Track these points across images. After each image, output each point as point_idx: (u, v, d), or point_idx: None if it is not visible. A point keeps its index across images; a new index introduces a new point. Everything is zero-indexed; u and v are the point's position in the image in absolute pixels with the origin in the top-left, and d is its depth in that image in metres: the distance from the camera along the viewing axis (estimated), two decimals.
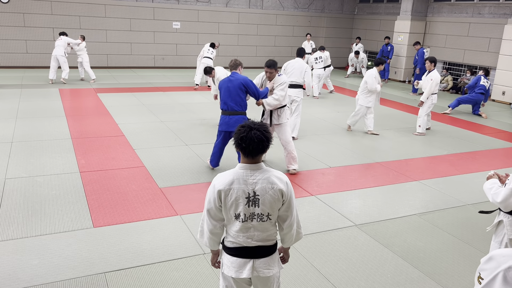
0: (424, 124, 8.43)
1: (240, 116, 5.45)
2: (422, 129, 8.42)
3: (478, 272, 1.65)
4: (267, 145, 2.29)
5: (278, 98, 5.59)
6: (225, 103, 5.45)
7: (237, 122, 5.36)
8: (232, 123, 5.42)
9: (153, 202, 4.89)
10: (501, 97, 12.40)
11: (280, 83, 5.63)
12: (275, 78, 5.70)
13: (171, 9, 15.66)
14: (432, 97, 8.34)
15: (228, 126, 5.47)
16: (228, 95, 5.41)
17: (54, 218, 4.39)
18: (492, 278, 1.55)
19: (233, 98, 5.38)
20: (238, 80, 5.38)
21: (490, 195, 3.03)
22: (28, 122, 7.92)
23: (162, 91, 11.56)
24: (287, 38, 17.63)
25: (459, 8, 14.32)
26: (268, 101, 5.60)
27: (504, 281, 1.51)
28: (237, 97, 5.38)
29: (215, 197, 2.30)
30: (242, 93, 5.40)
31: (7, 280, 3.38)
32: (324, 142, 7.58)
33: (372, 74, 8.00)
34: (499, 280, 1.52)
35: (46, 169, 5.71)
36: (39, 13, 14.05)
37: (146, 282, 3.45)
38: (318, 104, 10.89)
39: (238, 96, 5.38)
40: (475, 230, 4.56)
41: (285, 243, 2.50)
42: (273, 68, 5.62)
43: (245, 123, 2.31)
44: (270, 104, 5.61)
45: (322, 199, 5.17)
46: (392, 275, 3.68)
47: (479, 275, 1.63)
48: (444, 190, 5.66)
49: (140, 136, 7.36)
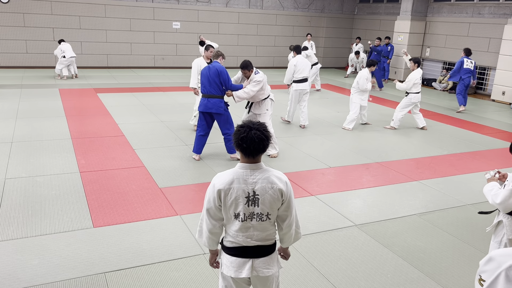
0: (397, 119, 8.73)
1: (217, 99, 6.02)
2: (394, 123, 8.77)
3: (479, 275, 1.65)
4: (267, 144, 2.30)
5: (247, 92, 6.10)
6: (204, 87, 6.05)
7: (214, 104, 5.98)
8: (210, 105, 6.00)
9: (153, 202, 4.89)
10: (501, 97, 12.41)
11: (255, 80, 6.13)
12: (251, 75, 6.18)
13: (171, 9, 15.66)
14: (411, 96, 8.56)
15: (206, 107, 6.02)
16: (207, 80, 6.00)
17: (54, 218, 4.39)
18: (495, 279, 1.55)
19: (211, 83, 5.97)
20: (214, 68, 5.99)
21: (490, 196, 3.04)
22: (28, 122, 7.92)
23: (162, 91, 11.56)
24: (287, 38, 17.63)
25: (459, 8, 14.33)
26: (237, 93, 6.11)
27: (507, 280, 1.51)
28: (213, 83, 5.96)
29: (215, 197, 2.30)
30: (218, 79, 5.97)
31: (7, 280, 3.38)
32: (324, 142, 7.58)
33: (363, 75, 8.38)
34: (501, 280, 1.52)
35: (46, 169, 5.71)
36: (39, 13, 14.05)
37: (146, 282, 3.45)
38: (318, 104, 10.89)
39: (214, 82, 5.96)
40: (475, 230, 4.56)
41: (284, 243, 2.51)
42: (246, 69, 6.14)
43: (244, 123, 2.32)
44: (239, 96, 6.11)
45: (322, 199, 5.17)
46: (392, 275, 3.68)
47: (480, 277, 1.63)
48: (444, 190, 5.66)
49: (140, 136, 7.37)
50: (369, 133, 8.35)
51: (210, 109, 5.99)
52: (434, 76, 15.14)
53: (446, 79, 14.16)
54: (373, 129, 8.70)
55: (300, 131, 8.23)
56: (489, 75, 13.65)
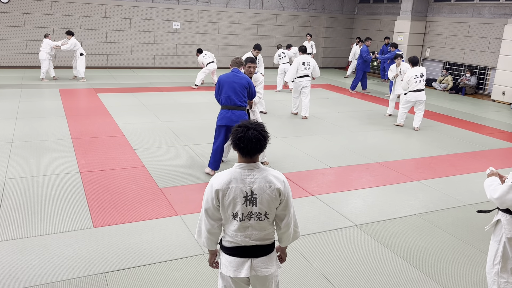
0: (399, 116, 9.05)
1: (242, 111, 5.53)
2: (398, 120, 9.09)
3: None
4: (265, 144, 2.30)
5: (260, 96, 6.11)
6: (229, 98, 5.46)
7: (240, 117, 5.42)
8: (235, 118, 5.43)
9: (153, 202, 4.89)
10: (501, 97, 12.40)
11: (259, 81, 6.14)
12: (254, 76, 6.07)
13: (171, 9, 15.66)
14: (408, 94, 8.72)
15: (230, 120, 5.46)
16: (232, 90, 5.44)
17: (54, 218, 4.40)
18: None
19: (237, 94, 5.45)
20: (245, 79, 5.51)
21: (489, 191, 3.06)
22: (28, 122, 7.93)
23: (162, 91, 11.56)
24: (287, 38, 17.61)
25: (459, 8, 14.32)
26: (255, 100, 6.02)
27: None
28: (240, 94, 5.48)
29: (213, 197, 2.31)
30: (245, 91, 5.53)
31: (7, 280, 3.38)
32: (324, 142, 7.58)
33: None
34: None
35: (46, 169, 5.72)
36: (39, 13, 14.06)
37: (146, 282, 3.45)
38: (318, 104, 10.89)
39: (241, 93, 5.48)
40: (475, 230, 4.56)
41: (283, 242, 2.51)
42: (255, 63, 6.01)
43: (242, 123, 2.32)
44: (256, 102, 6.07)
45: (322, 199, 5.17)
46: (392, 275, 3.68)
47: None
48: (444, 190, 5.66)
49: (140, 136, 7.37)
50: (369, 133, 8.35)
51: (236, 122, 4.83)
52: (434, 76, 15.13)
53: (447, 79, 14.17)
54: (373, 129, 8.70)
55: (300, 131, 8.23)
56: (489, 75, 13.65)
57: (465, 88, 13.59)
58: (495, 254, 3.16)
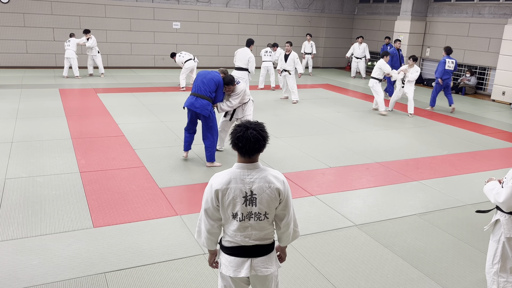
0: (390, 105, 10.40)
1: (206, 101, 5.90)
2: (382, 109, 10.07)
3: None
4: (264, 144, 2.30)
5: (231, 106, 6.32)
6: (197, 86, 5.94)
7: (202, 106, 5.85)
8: (197, 105, 5.86)
9: (153, 202, 4.90)
10: (501, 97, 12.40)
11: (236, 92, 6.27)
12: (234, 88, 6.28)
13: (171, 9, 15.66)
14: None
15: (191, 105, 5.92)
16: (201, 81, 5.93)
17: (54, 218, 4.40)
18: None
19: (204, 84, 5.89)
20: (217, 76, 5.97)
21: (492, 195, 3.02)
22: (28, 122, 7.93)
23: (162, 91, 11.56)
24: (287, 38, 17.54)
25: (459, 8, 14.32)
26: (221, 105, 6.26)
27: None
28: (207, 85, 5.89)
29: (213, 197, 2.31)
30: (214, 87, 5.92)
31: (7, 280, 3.38)
32: (324, 142, 7.58)
33: None
34: None
35: (46, 169, 5.72)
36: (39, 13, 14.06)
37: (146, 282, 3.45)
38: (318, 104, 10.90)
39: (208, 84, 5.89)
40: (475, 230, 4.56)
41: (282, 242, 2.51)
42: (231, 84, 6.17)
43: (241, 123, 2.32)
44: (222, 108, 6.30)
45: (322, 199, 5.17)
46: (392, 275, 3.68)
47: None
48: (444, 190, 5.66)
49: (140, 136, 7.37)
50: (369, 133, 8.35)
51: (196, 108, 5.87)
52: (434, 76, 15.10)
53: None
54: (373, 129, 8.70)
55: (300, 131, 8.23)
56: (489, 75, 13.65)
57: (465, 88, 13.59)
58: (494, 254, 3.16)
